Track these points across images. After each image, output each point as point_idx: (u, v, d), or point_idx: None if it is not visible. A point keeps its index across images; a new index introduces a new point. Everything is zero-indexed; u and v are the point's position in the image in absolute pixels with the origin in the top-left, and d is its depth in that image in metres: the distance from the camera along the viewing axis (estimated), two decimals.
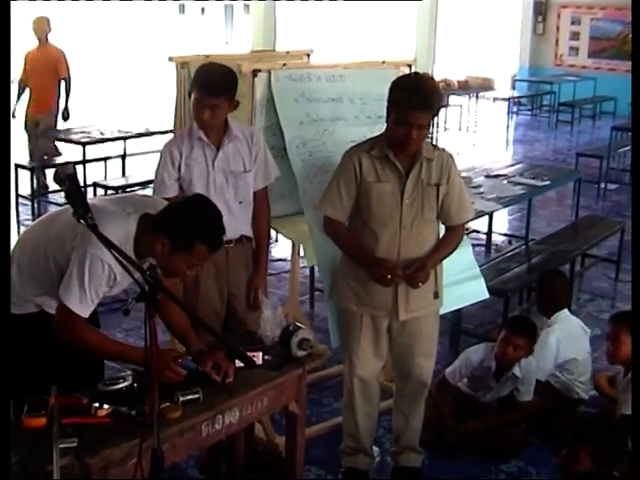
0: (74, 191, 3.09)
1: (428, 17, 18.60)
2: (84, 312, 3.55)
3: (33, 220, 9.78)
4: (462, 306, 5.71)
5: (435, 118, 4.47)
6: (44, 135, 10.68)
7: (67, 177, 3.11)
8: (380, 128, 4.40)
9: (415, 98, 4.09)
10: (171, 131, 5.85)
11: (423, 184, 4.31)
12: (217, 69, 4.42)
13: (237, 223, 4.57)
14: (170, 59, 5.54)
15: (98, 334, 3.72)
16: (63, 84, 10.78)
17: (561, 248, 7.60)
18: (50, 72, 10.69)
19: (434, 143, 4.61)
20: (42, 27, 10.77)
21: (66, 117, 10.88)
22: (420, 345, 4.58)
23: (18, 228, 9.64)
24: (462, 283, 5.27)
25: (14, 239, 3.72)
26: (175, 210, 3.65)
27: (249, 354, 3.57)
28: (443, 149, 4.48)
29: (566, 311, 5.78)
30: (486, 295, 5.57)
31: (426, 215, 4.36)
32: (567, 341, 5.54)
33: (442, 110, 16.69)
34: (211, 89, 4.30)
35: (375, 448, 5.07)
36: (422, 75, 4.33)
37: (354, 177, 4.31)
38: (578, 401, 5.56)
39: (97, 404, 3.32)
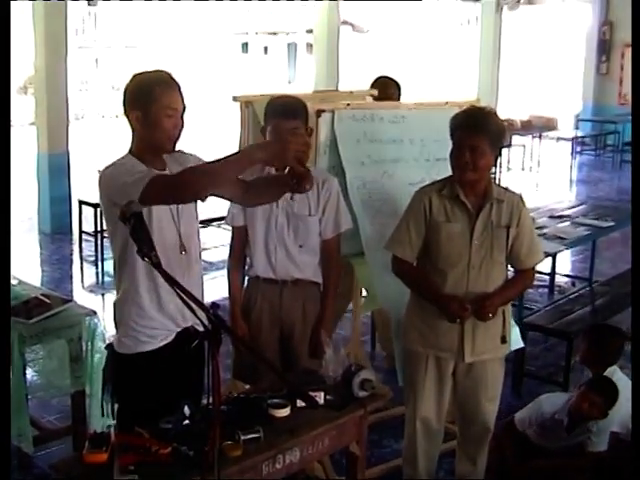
0: (139, 229, 3.11)
1: (491, 56, 18.61)
2: None
3: (96, 257, 9.92)
4: None
5: (498, 158, 4.44)
6: None
7: (132, 215, 3.13)
8: (437, 171, 4.40)
9: (466, 120, 4.18)
10: None
11: (493, 225, 4.29)
12: (288, 97, 4.54)
13: (293, 266, 4.56)
14: (234, 99, 5.58)
15: None
16: None
17: (626, 290, 7.42)
18: None
19: (499, 184, 4.59)
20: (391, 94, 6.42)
21: None
22: (485, 390, 4.53)
23: (81, 264, 9.75)
24: None
25: (77, 275, 3.74)
26: (125, 90, 3.62)
27: (311, 394, 3.56)
28: (514, 192, 4.46)
29: (616, 367, 5.44)
30: (521, 344, 5.52)
31: (495, 257, 4.33)
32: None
33: (505, 150, 16.65)
34: (289, 112, 4.36)
35: None
36: (481, 106, 4.36)
37: (424, 216, 4.31)
38: None
39: (158, 443, 3.31)
